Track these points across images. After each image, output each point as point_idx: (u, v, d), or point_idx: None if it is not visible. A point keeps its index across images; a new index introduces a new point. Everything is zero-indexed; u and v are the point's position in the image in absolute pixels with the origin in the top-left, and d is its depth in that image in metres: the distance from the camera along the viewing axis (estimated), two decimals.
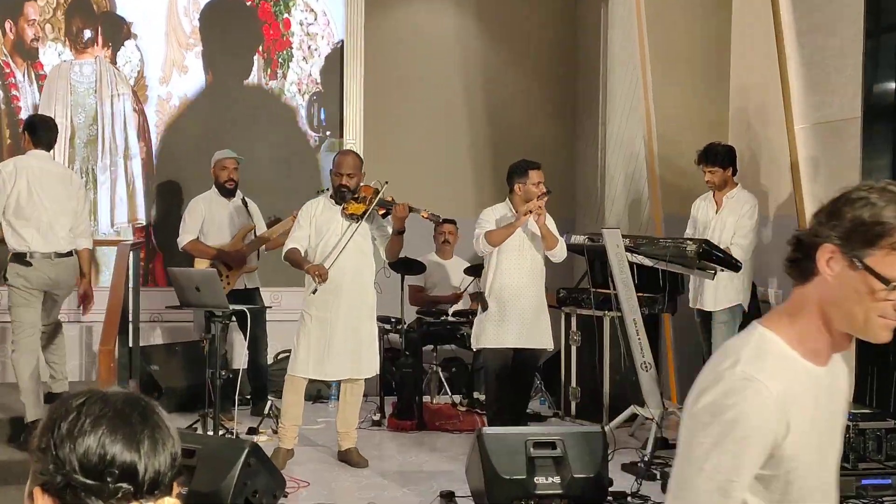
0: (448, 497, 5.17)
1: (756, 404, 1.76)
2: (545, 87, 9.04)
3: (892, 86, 5.88)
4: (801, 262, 1.84)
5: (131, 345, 6.87)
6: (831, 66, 6.23)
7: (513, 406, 6.24)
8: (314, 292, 5.73)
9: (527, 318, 6.12)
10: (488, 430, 4.92)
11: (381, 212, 5.92)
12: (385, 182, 5.85)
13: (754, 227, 6.43)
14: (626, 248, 6.21)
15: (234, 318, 6.44)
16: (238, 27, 8.24)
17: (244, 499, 4.27)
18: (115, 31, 8.06)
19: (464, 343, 7.12)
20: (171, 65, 8.15)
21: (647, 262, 6.31)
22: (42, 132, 5.94)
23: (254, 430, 6.53)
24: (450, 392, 7.52)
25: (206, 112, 8.15)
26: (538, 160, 6.28)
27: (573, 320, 7.13)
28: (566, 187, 8.82)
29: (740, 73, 7.47)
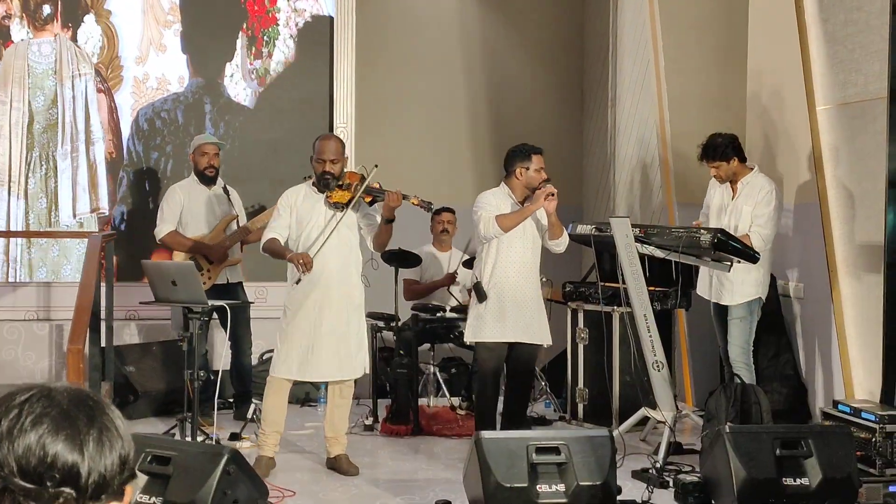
0: None
1: None
2: (550, 67, 8.78)
3: None
4: None
5: (104, 344, 6.65)
6: (856, 42, 6.02)
7: (506, 406, 6.09)
8: (298, 282, 5.48)
9: (527, 312, 5.89)
10: (487, 434, 4.69)
11: (367, 199, 5.68)
12: (375, 166, 5.58)
13: (773, 213, 6.18)
14: (637, 239, 5.99)
15: (214, 315, 6.25)
16: (220, 2, 7.96)
17: None
18: (75, 6, 7.70)
19: (463, 341, 6.87)
20: (147, 43, 7.82)
21: (658, 253, 6.12)
22: None
23: (236, 436, 6.29)
24: (448, 394, 7.30)
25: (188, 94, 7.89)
26: (542, 145, 6.04)
27: (580, 316, 6.95)
28: (573, 174, 8.66)
29: (758, 53, 7.29)
